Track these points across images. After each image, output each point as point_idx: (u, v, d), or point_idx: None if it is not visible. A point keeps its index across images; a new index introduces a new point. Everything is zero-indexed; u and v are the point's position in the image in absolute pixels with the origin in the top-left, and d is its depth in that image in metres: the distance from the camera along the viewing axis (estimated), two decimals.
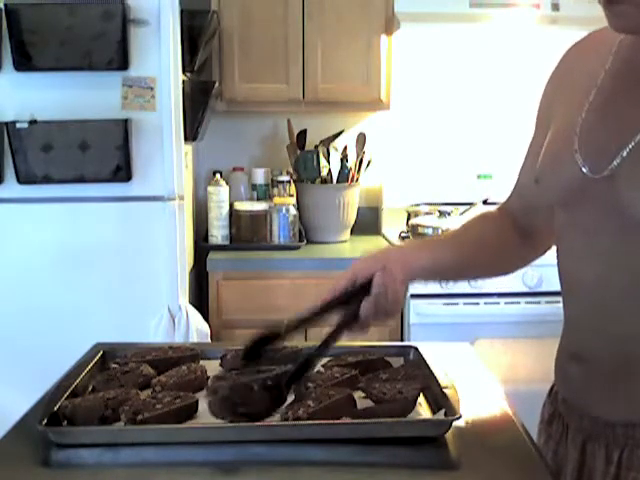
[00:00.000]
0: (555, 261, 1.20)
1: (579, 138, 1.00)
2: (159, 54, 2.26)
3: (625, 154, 0.94)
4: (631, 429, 1.00)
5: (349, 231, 3.02)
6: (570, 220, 1.05)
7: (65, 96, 2.25)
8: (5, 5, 2.17)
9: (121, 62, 2.22)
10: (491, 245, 1.22)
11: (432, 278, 1.23)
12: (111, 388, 1.10)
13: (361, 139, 2.95)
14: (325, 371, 1.18)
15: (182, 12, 2.34)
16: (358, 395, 1.11)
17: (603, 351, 1.02)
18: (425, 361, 1.20)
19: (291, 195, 2.93)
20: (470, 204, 2.94)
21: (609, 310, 1.00)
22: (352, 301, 1.09)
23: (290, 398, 1.09)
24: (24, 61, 2.21)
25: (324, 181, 2.93)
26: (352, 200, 2.96)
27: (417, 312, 2.56)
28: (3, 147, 2.24)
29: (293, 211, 2.82)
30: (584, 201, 1.00)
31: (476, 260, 1.21)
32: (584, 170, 0.98)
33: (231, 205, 2.86)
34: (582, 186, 0.99)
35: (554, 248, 1.14)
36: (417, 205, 3.05)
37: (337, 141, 3.02)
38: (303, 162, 2.91)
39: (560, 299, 1.12)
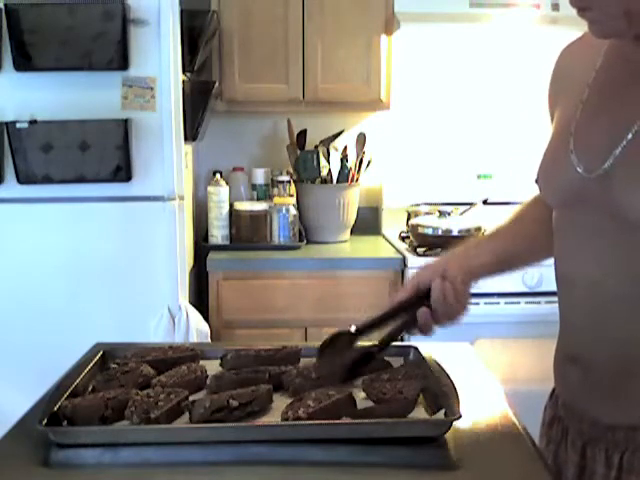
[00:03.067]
0: None
1: (574, 138, 1.01)
2: (159, 54, 2.26)
3: (618, 153, 0.94)
4: (631, 432, 0.99)
5: (349, 231, 3.02)
6: (567, 220, 1.05)
7: (65, 96, 2.25)
8: (5, 5, 2.17)
9: (121, 62, 2.22)
10: (545, 227, 1.21)
11: (495, 272, 1.25)
12: (111, 388, 1.11)
13: (361, 139, 2.95)
14: None
15: (182, 12, 2.34)
16: (358, 395, 1.11)
17: (600, 353, 1.02)
18: (425, 361, 1.20)
19: (291, 195, 2.93)
20: (470, 204, 2.94)
21: (605, 312, 1.00)
22: (414, 307, 1.16)
23: (289, 399, 1.09)
24: (24, 61, 2.21)
25: (324, 181, 2.93)
26: (352, 200, 2.96)
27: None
28: (3, 147, 2.24)
29: (293, 211, 2.82)
30: (580, 201, 1.00)
31: (533, 246, 1.23)
32: (579, 170, 0.98)
33: (231, 205, 2.86)
34: (578, 186, 0.99)
35: None
36: (417, 205, 3.05)
37: (337, 141, 3.02)
38: (303, 162, 2.91)
39: None
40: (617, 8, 0.89)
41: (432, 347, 1.29)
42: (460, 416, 0.99)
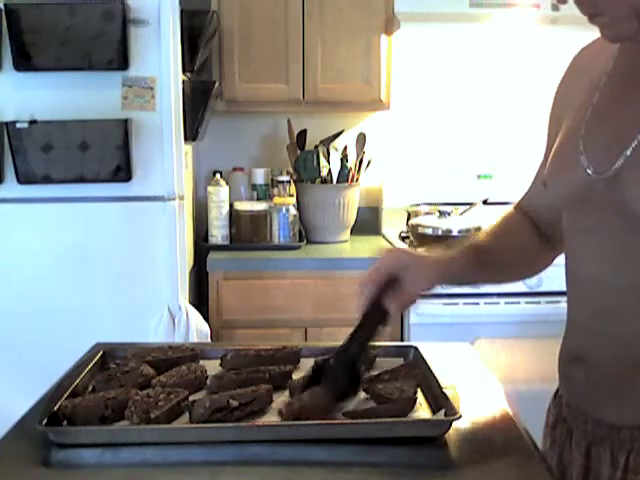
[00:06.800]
0: (555, 261, 1.20)
1: (584, 140, 1.01)
2: (159, 54, 2.26)
3: (628, 153, 0.95)
4: (637, 432, 0.99)
5: (349, 231, 3.02)
6: (576, 222, 1.06)
7: (65, 96, 2.25)
8: (5, 5, 2.17)
9: (121, 62, 2.22)
10: (517, 250, 1.22)
11: (455, 282, 1.23)
12: (111, 388, 1.10)
13: (361, 139, 2.95)
14: None
15: (182, 12, 2.34)
16: (359, 395, 1.11)
17: (607, 353, 1.02)
18: (425, 361, 1.20)
19: (291, 195, 2.93)
20: (470, 204, 2.94)
21: (614, 312, 1.00)
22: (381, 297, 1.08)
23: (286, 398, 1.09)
24: (24, 61, 2.21)
25: (324, 181, 2.93)
26: (352, 200, 2.96)
27: (417, 312, 2.56)
28: (3, 147, 2.24)
29: (293, 211, 2.82)
30: (590, 203, 1.00)
31: (502, 266, 1.21)
32: (589, 172, 0.99)
33: (231, 205, 2.86)
34: (587, 188, 0.99)
35: None
36: (417, 205, 3.05)
37: (337, 141, 3.02)
38: (303, 162, 2.91)
39: (560, 299, 1.12)
40: (627, 11, 0.89)
41: (432, 347, 1.29)
42: (460, 416, 0.99)
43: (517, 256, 1.22)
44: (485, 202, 2.94)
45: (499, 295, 2.56)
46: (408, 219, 2.98)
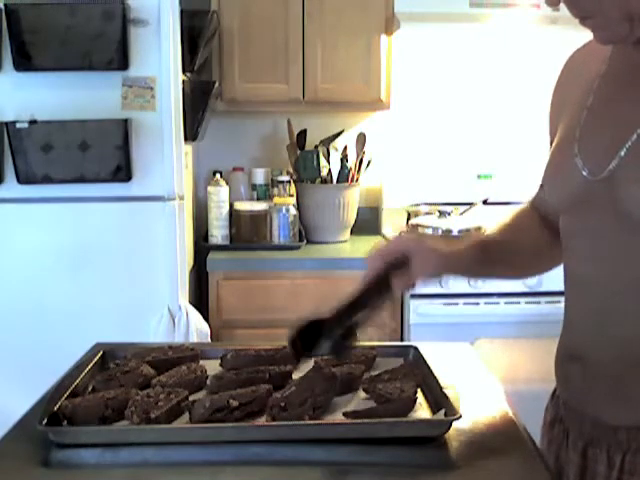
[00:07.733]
0: None
1: (579, 142, 1.02)
2: (159, 54, 2.26)
3: (623, 154, 0.95)
4: (634, 432, 0.99)
5: (349, 231, 3.02)
6: (573, 223, 1.06)
7: (65, 96, 2.26)
8: (5, 5, 2.17)
9: (121, 62, 2.22)
10: (527, 245, 1.22)
11: (461, 273, 1.24)
12: (111, 388, 1.11)
13: (361, 139, 2.95)
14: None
15: (182, 12, 2.34)
16: (359, 395, 1.11)
17: (605, 353, 1.02)
18: (425, 361, 1.20)
19: (291, 195, 2.93)
20: (470, 204, 2.94)
21: (612, 312, 1.00)
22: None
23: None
24: (24, 61, 2.21)
25: (324, 181, 2.93)
26: (352, 200, 2.96)
27: (417, 312, 2.56)
28: (3, 147, 2.24)
29: (293, 211, 2.82)
30: (586, 204, 1.00)
31: (512, 259, 1.22)
32: (584, 173, 0.99)
33: (231, 205, 2.86)
34: (583, 189, 1.00)
35: None
36: (417, 205, 3.05)
37: (337, 141, 3.02)
38: (303, 162, 2.91)
39: (560, 299, 1.12)
40: (619, 12, 0.89)
41: (432, 347, 1.29)
42: (460, 416, 0.99)
43: (528, 250, 1.22)
44: (485, 202, 2.94)
45: (499, 295, 2.56)
46: (408, 219, 2.98)
